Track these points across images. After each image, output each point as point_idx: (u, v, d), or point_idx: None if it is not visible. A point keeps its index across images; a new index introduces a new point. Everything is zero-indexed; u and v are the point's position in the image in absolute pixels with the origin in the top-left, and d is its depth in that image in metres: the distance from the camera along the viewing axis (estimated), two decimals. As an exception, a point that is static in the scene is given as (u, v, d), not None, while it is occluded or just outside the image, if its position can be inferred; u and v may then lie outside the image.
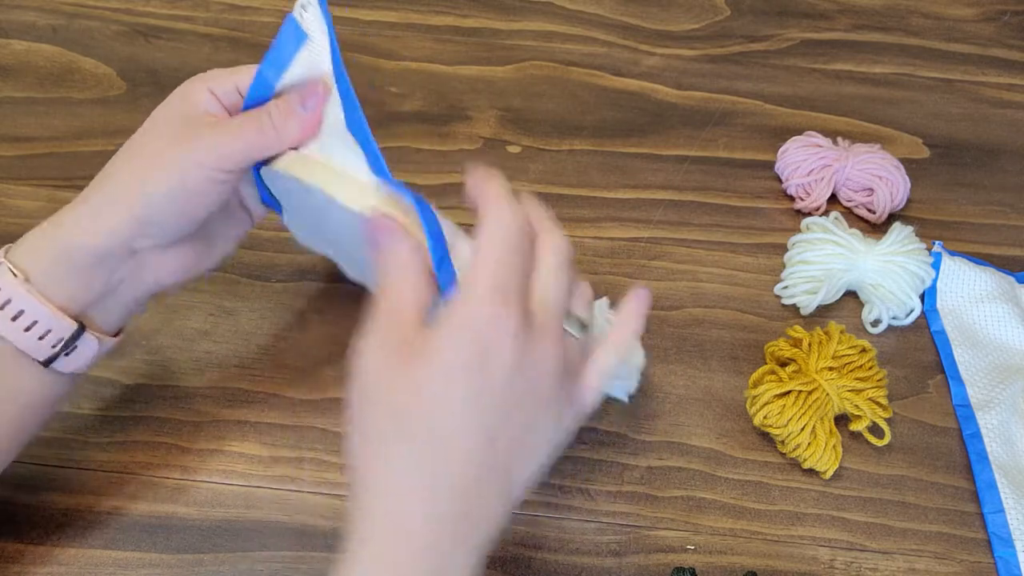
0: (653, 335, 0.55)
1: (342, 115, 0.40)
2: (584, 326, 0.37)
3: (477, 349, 0.32)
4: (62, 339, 0.39)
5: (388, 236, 0.36)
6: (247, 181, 0.44)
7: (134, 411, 0.50)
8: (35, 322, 0.38)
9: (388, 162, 0.39)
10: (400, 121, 0.65)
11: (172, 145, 0.39)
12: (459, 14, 0.73)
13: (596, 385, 0.37)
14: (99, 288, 0.40)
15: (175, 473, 0.48)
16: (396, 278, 0.35)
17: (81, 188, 0.40)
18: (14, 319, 0.38)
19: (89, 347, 0.41)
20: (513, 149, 0.64)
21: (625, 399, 0.50)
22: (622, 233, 0.59)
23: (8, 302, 0.38)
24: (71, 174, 0.60)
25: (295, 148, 0.40)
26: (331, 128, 0.40)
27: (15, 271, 0.38)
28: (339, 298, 0.54)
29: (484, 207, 0.35)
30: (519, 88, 0.68)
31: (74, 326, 0.40)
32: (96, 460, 0.48)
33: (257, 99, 0.41)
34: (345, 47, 0.70)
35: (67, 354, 0.40)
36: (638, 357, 0.49)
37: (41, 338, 0.39)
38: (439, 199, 0.41)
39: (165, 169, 0.38)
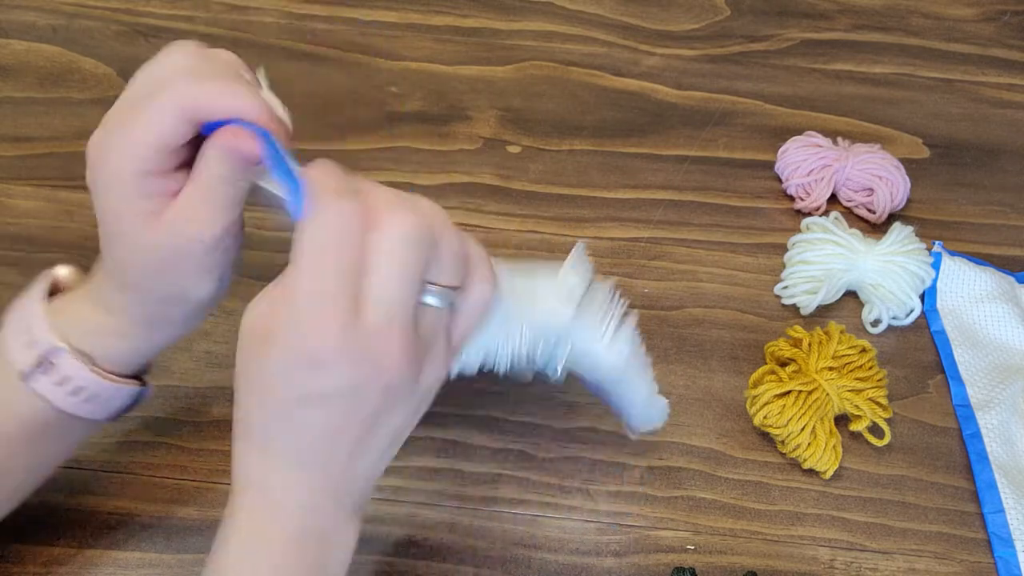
0: (653, 335, 0.55)
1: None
2: (452, 291, 0.35)
3: (305, 360, 0.31)
4: (130, 399, 0.41)
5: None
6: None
7: (134, 411, 0.50)
8: (108, 399, 0.39)
9: (388, 162, 0.39)
10: (400, 121, 0.65)
11: (155, 255, 0.36)
12: (459, 14, 0.73)
13: (457, 351, 0.36)
14: (160, 346, 0.41)
15: (175, 473, 0.48)
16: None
17: (82, 188, 0.39)
18: (87, 401, 0.38)
19: (148, 393, 0.42)
20: (513, 149, 0.64)
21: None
22: (622, 233, 0.59)
23: (81, 389, 0.38)
24: (71, 174, 0.60)
25: None
26: None
27: (77, 357, 0.37)
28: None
29: (307, 208, 0.31)
30: (519, 88, 0.68)
31: (139, 388, 0.41)
32: (96, 460, 0.48)
33: None
34: (345, 47, 0.71)
35: (130, 408, 0.42)
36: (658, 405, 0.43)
37: (110, 405, 0.40)
38: (439, 199, 0.40)
39: (171, 276, 0.37)
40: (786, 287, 0.56)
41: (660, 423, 0.42)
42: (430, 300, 0.33)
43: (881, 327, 0.55)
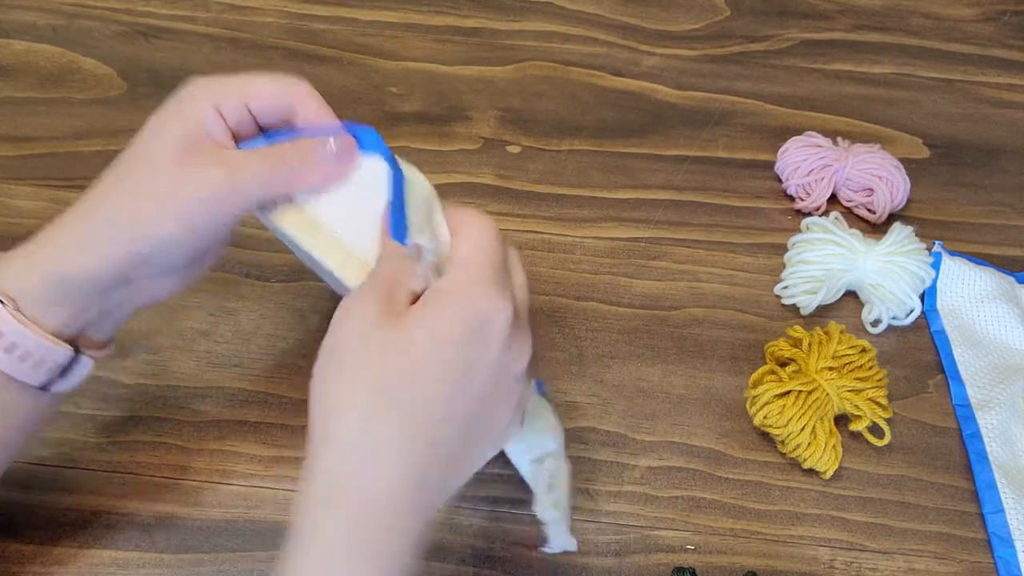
0: (653, 335, 0.55)
1: (376, 204, 0.38)
2: None
3: (474, 326, 0.33)
4: (59, 364, 0.38)
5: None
6: None
7: (134, 411, 0.50)
8: (29, 352, 0.37)
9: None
10: (400, 121, 0.65)
11: (175, 181, 0.36)
12: (459, 14, 0.73)
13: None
14: (93, 313, 0.39)
15: (175, 473, 0.48)
16: (391, 262, 0.36)
17: (82, 188, 0.39)
18: (7, 351, 0.36)
19: (83, 368, 0.40)
20: (513, 149, 0.64)
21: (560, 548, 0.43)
22: (622, 233, 0.59)
23: (0, 335, 0.36)
24: (71, 174, 0.60)
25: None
26: (353, 203, 0.38)
27: (4, 299, 0.36)
28: (339, 298, 0.54)
29: (462, 215, 0.36)
30: (519, 88, 0.68)
31: (69, 352, 0.38)
32: (96, 460, 0.48)
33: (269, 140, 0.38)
34: (345, 47, 0.71)
35: (62, 376, 0.39)
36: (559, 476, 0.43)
37: (36, 367, 0.37)
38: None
39: (169, 212, 0.36)
40: (786, 287, 0.56)
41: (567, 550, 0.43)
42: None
43: (881, 327, 0.55)
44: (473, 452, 0.35)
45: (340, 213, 0.38)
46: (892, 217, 0.60)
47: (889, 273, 0.54)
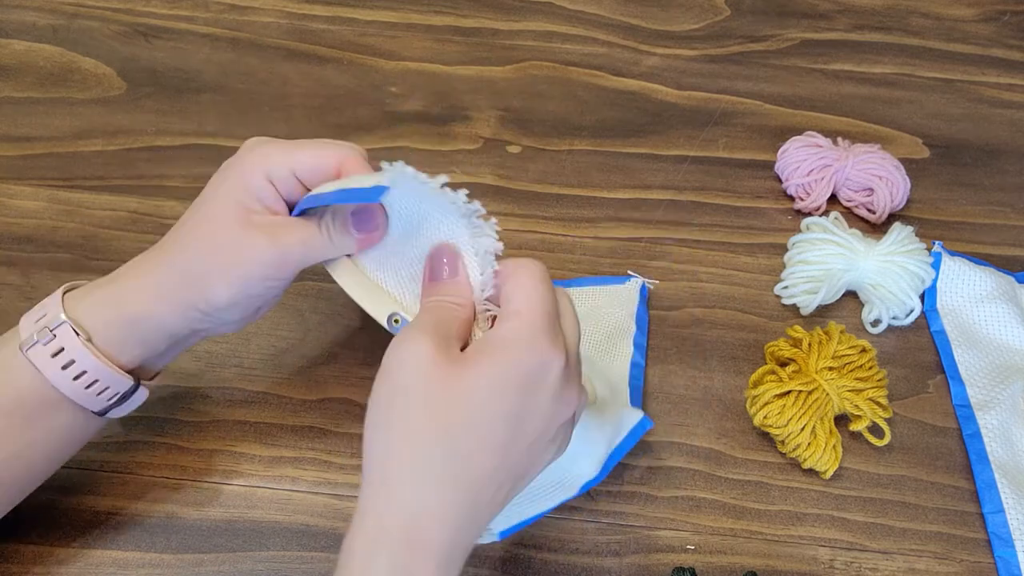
0: (653, 335, 0.55)
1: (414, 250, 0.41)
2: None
3: (529, 378, 0.34)
4: (119, 393, 0.41)
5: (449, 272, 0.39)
6: None
7: (134, 411, 0.50)
8: (96, 380, 0.40)
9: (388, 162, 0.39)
10: (400, 121, 0.65)
11: (234, 249, 0.40)
12: (459, 14, 0.73)
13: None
14: (161, 352, 0.42)
15: (175, 473, 0.48)
16: (450, 297, 0.38)
17: (82, 188, 0.40)
18: (76, 378, 0.39)
19: (140, 397, 0.43)
20: (513, 149, 0.64)
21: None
22: (622, 233, 0.59)
23: (72, 362, 0.39)
24: (71, 174, 0.60)
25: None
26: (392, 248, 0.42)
27: (78, 330, 0.39)
28: (339, 298, 0.54)
29: (514, 265, 0.37)
30: (519, 88, 0.68)
31: (131, 382, 0.41)
32: (96, 460, 0.48)
33: (312, 204, 0.41)
34: (345, 47, 0.71)
35: (119, 404, 0.42)
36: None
37: (99, 394, 0.40)
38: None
39: (231, 277, 0.40)
40: (786, 287, 0.56)
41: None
42: None
43: (881, 327, 0.55)
44: (517, 489, 0.37)
45: (380, 257, 0.42)
46: (892, 217, 0.60)
47: (889, 273, 0.54)
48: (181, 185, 0.60)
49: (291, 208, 0.42)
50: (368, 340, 0.53)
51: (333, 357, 0.52)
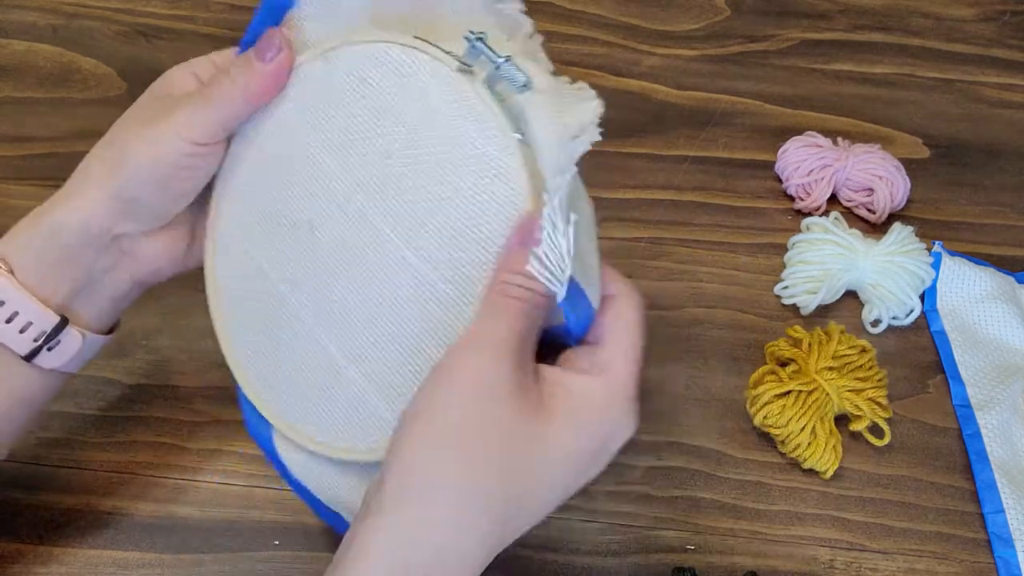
0: (653, 335, 0.54)
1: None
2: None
3: (602, 445, 0.33)
4: (44, 332, 0.38)
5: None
6: None
7: (134, 411, 0.50)
8: (16, 313, 0.37)
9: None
10: (400, 121, 0.65)
11: (148, 123, 0.39)
12: (459, 14, 0.73)
13: None
14: (82, 276, 0.39)
15: (175, 473, 0.48)
16: (528, 311, 0.33)
17: None
18: None
19: (72, 341, 0.40)
20: (513, 149, 0.64)
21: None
22: (622, 233, 0.59)
23: None
24: (71, 174, 0.60)
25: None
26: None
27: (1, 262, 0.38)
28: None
29: (615, 284, 0.36)
30: (519, 88, 0.68)
31: (56, 319, 0.39)
32: (96, 460, 0.48)
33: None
34: (345, 47, 0.70)
35: (49, 348, 0.39)
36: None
37: (23, 331, 0.38)
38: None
39: (142, 144, 0.38)
40: (786, 287, 0.56)
41: None
42: None
43: (881, 327, 0.55)
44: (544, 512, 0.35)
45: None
46: (892, 217, 0.60)
47: (889, 273, 0.54)
48: (181, 185, 0.60)
49: None
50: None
51: (333, 357, 0.52)
